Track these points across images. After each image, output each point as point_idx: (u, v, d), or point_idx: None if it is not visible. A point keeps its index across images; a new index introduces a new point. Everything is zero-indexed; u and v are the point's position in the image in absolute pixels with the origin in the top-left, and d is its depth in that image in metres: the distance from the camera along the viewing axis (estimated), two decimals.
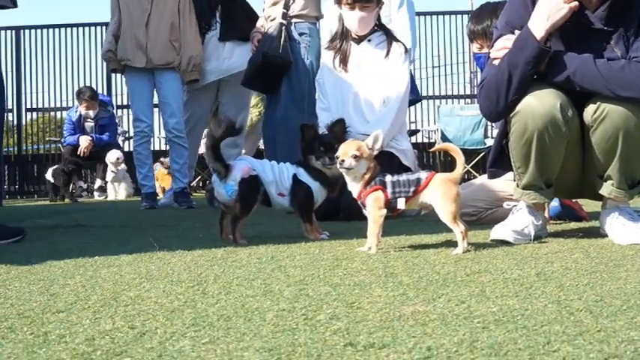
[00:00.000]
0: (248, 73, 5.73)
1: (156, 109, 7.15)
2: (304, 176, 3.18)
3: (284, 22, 5.59)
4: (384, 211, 2.68)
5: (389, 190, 2.66)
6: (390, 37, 4.63)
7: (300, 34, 5.64)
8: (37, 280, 2.13)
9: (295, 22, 5.62)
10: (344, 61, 4.62)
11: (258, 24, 5.92)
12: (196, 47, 6.21)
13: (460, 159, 2.68)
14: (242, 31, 6.08)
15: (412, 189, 2.65)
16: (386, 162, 4.37)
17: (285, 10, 5.63)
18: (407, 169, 4.58)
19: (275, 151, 5.46)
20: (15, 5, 4.00)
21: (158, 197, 6.99)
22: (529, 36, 2.75)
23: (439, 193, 2.61)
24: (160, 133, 10.85)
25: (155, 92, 6.44)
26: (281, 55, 5.50)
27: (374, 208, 2.67)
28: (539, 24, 2.76)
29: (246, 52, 5.91)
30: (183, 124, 6.36)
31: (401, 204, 2.65)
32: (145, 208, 6.17)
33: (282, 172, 3.19)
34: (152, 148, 6.66)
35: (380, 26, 4.68)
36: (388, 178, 2.69)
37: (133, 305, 1.69)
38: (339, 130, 3.25)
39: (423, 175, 2.68)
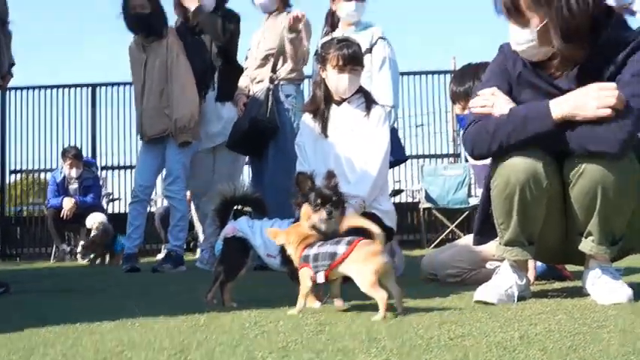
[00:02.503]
0: (234, 137, 5.78)
1: None
2: None
3: (271, 86, 5.66)
4: (310, 284, 2.74)
5: (311, 264, 2.73)
6: (370, 100, 4.68)
7: (287, 96, 5.72)
8: (16, 350, 2.10)
9: (282, 85, 5.70)
10: (324, 125, 4.65)
11: (242, 84, 5.98)
12: (183, 108, 6.20)
13: (373, 230, 2.69)
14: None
15: (328, 263, 2.68)
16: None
17: (272, 74, 5.71)
18: (390, 231, 4.59)
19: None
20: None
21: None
22: (547, 113, 2.77)
23: (356, 266, 2.63)
24: None
25: None
26: (269, 119, 5.56)
27: (302, 279, 2.76)
28: (564, 107, 2.75)
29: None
30: (183, 188, 6.42)
31: (320, 278, 2.70)
32: (126, 270, 6.14)
33: None
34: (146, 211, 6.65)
35: (359, 89, 4.74)
36: (312, 251, 2.73)
37: None
38: (333, 182, 3.14)
39: (342, 248, 2.68)
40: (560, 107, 2.76)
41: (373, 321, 2.49)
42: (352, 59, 4.50)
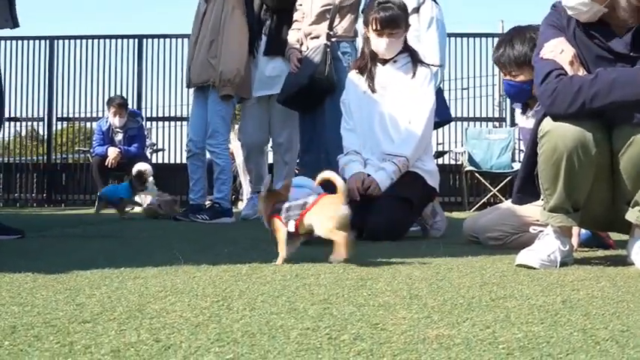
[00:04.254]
0: (289, 93, 5.77)
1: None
2: None
3: (328, 43, 5.63)
4: (284, 230, 2.92)
5: (283, 214, 2.94)
6: (416, 59, 4.63)
7: (343, 53, 5.69)
8: (63, 290, 2.15)
9: (338, 41, 5.68)
10: (371, 82, 4.62)
11: (292, 39, 5.94)
12: (230, 61, 6.22)
13: (338, 183, 2.85)
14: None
15: (298, 212, 2.91)
16: (410, 182, 4.39)
17: (330, 31, 5.67)
18: (431, 190, 4.57)
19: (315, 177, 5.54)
20: (16, 25, 4.05)
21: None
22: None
23: (317, 214, 2.85)
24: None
25: None
26: (327, 78, 5.55)
27: (276, 230, 2.97)
28: None
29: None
30: (222, 142, 6.46)
31: (291, 227, 2.90)
32: (192, 219, 6.27)
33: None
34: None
35: (406, 48, 4.68)
36: (285, 205, 2.97)
37: (158, 318, 1.71)
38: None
39: (310, 199, 2.93)
40: None
41: (332, 261, 2.77)
42: (389, 23, 4.46)
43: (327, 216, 2.83)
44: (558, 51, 2.87)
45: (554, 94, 2.81)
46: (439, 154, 10.84)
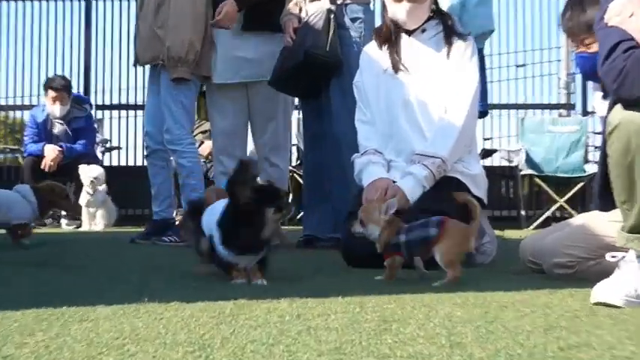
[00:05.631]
0: (280, 73, 5.72)
1: None
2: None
3: (332, 7, 5.58)
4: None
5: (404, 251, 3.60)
6: (450, 28, 4.61)
7: (353, 20, 5.64)
8: None
9: (347, 4, 5.61)
10: (392, 58, 4.61)
11: (290, 3, 5.92)
12: (181, 32, 6.18)
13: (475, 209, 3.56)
14: (273, 19, 6.05)
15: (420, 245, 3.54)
16: (450, 190, 4.37)
17: None
18: (477, 200, 4.55)
19: (323, 183, 5.54)
20: None
21: None
22: None
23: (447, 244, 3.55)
24: None
25: None
26: (329, 53, 5.50)
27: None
28: None
29: (277, 48, 5.90)
30: (185, 135, 6.42)
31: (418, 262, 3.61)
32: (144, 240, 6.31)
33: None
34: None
35: (436, 12, 4.67)
36: (402, 238, 3.58)
37: None
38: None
39: (432, 230, 3.54)
40: None
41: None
42: None
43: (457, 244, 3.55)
44: (627, 14, 2.84)
45: (623, 74, 2.79)
46: (486, 153, 10.83)
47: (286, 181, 6.77)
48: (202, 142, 9.80)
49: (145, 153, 6.70)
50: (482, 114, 6.52)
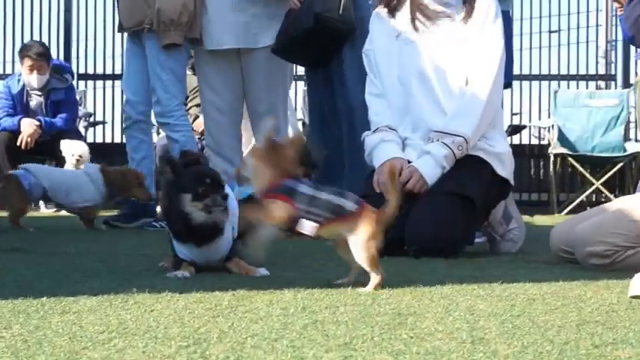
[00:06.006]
0: (285, 40, 5.72)
1: None
2: None
3: None
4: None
5: (299, 204, 2.99)
6: None
7: None
8: None
9: None
10: (406, 22, 4.58)
11: None
12: None
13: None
14: None
15: (327, 215, 3.00)
16: (471, 171, 4.37)
17: None
18: (503, 183, 4.55)
19: (333, 163, 5.53)
20: None
21: None
22: None
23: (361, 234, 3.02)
24: None
25: None
26: (342, 18, 5.50)
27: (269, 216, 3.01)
28: None
29: (280, 11, 5.89)
30: (177, 107, 6.44)
31: (308, 228, 3.00)
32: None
33: None
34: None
35: None
36: (303, 188, 3.02)
37: None
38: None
39: (349, 204, 3.05)
40: None
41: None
42: None
43: (371, 242, 3.02)
44: None
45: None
46: (514, 130, 10.81)
47: None
48: (197, 117, 9.79)
49: (124, 125, 6.70)
50: (506, 85, 6.49)
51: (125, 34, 6.87)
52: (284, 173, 3.01)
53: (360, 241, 2.99)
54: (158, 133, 9.92)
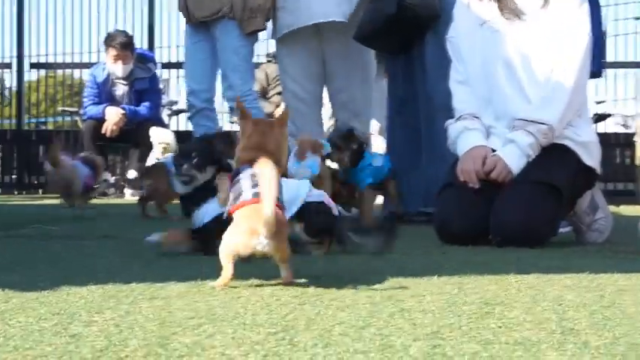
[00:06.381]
0: (367, 25, 5.71)
1: None
2: None
3: None
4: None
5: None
6: None
7: None
8: (49, 314, 2.20)
9: None
10: (493, 8, 4.54)
11: None
12: None
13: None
14: None
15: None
16: (556, 160, 4.33)
17: None
18: (589, 172, 4.50)
19: (412, 150, 5.52)
20: None
21: None
22: None
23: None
24: None
25: None
26: (425, 4, 5.48)
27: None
28: None
29: None
30: (250, 91, 6.51)
31: None
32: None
33: None
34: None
35: None
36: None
37: (189, 357, 1.73)
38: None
39: (246, 193, 2.77)
40: None
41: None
42: None
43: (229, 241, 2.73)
44: None
45: None
46: (599, 119, 10.69)
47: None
48: (278, 105, 9.84)
49: (189, 115, 6.76)
50: (595, 74, 6.39)
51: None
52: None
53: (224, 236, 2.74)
54: None
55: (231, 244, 2.69)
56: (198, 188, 3.64)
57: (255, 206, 2.66)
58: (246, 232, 2.65)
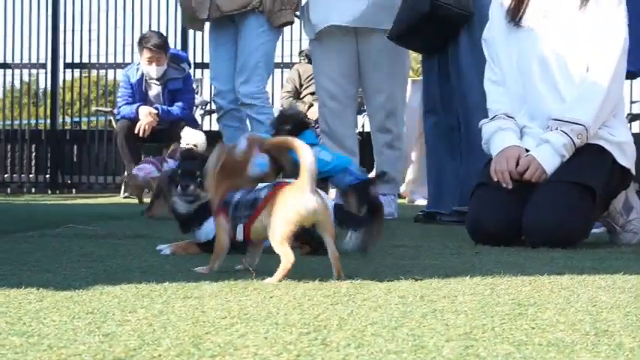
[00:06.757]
0: (401, 24, 5.71)
1: None
2: None
3: None
4: (225, 236, 3.03)
5: (230, 212, 2.98)
6: None
7: None
8: (83, 313, 2.21)
9: None
10: (521, 8, 4.52)
11: None
12: None
13: (305, 157, 2.74)
14: None
15: (248, 213, 2.92)
16: (591, 160, 4.31)
17: None
18: (624, 173, 4.47)
19: (446, 150, 5.51)
20: None
21: None
22: None
23: (274, 213, 2.80)
24: None
25: None
26: (458, 3, 5.47)
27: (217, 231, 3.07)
28: None
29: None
30: (263, 89, 6.53)
31: (239, 233, 2.96)
32: None
33: None
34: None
35: None
36: (235, 197, 2.99)
37: (222, 357, 1.73)
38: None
39: (263, 192, 2.90)
40: None
41: (266, 283, 2.76)
42: None
43: (282, 217, 2.79)
44: None
45: None
46: (633, 119, 10.62)
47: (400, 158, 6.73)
48: (311, 105, 9.83)
49: (217, 116, 6.76)
50: (633, 75, 6.34)
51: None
52: (232, 186, 3.03)
53: (272, 220, 2.80)
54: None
55: (291, 214, 2.75)
56: (197, 207, 3.65)
57: (294, 181, 2.78)
58: (301, 194, 2.75)
